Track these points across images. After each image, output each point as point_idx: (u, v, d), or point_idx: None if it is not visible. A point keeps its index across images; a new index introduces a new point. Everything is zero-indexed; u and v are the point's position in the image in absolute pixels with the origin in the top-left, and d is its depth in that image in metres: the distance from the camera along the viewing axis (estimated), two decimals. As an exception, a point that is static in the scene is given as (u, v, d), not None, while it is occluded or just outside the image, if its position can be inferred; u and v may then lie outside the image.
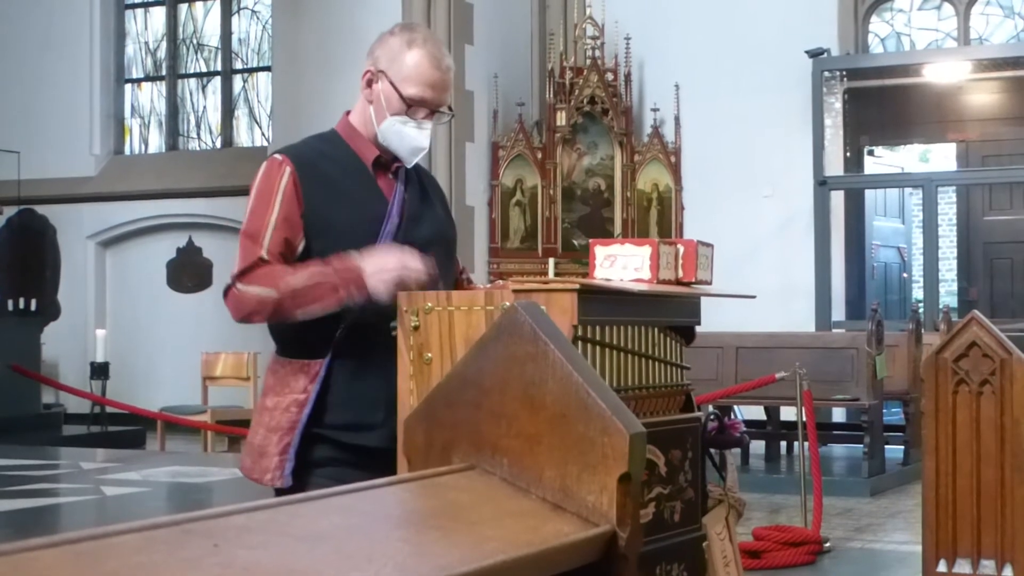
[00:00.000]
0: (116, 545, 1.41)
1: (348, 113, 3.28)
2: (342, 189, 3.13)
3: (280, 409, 3.09)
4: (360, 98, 3.24)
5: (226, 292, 3.09)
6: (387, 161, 3.21)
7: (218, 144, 15.52)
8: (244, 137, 15.45)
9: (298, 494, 1.77)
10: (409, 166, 3.24)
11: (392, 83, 3.14)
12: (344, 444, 3.08)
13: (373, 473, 2.14)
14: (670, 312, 2.97)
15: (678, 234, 12.72)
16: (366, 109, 3.21)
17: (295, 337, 3.11)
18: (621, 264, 2.95)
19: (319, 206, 3.09)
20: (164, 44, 15.83)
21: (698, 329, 3.08)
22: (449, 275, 3.31)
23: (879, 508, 8.88)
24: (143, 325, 14.64)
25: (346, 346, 3.06)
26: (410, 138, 3.17)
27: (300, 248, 3.08)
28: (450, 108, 3.24)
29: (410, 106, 3.14)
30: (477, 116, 12.86)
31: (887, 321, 10.32)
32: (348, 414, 3.07)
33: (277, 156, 3.14)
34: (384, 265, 2.95)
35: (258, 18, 15.41)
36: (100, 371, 12.26)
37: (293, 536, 1.56)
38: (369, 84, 3.20)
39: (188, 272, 14.71)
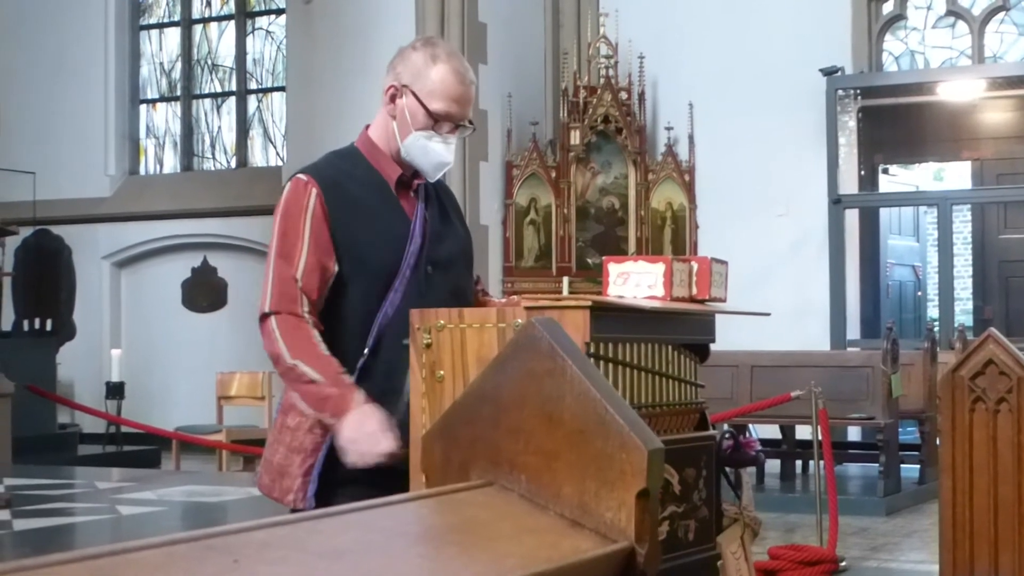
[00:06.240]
0: (136, 561, 1.42)
1: (367, 128, 3.27)
2: (366, 209, 3.12)
3: (303, 430, 3.08)
4: (381, 113, 3.23)
5: (262, 318, 3.09)
6: (408, 179, 3.21)
7: (233, 164, 15.57)
8: (259, 157, 15.49)
9: (317, 510, 1.78)
10: (432, 181, 3.24)
11: (417, 98, 3.13)
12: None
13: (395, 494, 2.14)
14: (684, 330, 2.97)
15: (692, 253, 12.70)
16: (388, 124, 3.20)
17: None
18: (635, 281, 2.95)
19: (345, 227, 3.08)
20: (179, 64, 15.89)
21: (712, 347, 3.07)
22: (468, 291, 3.31)
23: (895, 527, 8.85)
24: (158, 345, 14.68)
25: (370, 368, 3.05)
26: (435, 153, 3.16)
27: (335, 272, 3.08)
28: (471, 122, 3.24)
29: (436, 121, 3.14)
30: (491, 135, 12.87)
31: (902, 340, 10.31)
32: None
33: (302, 176, 3.13)
34: (362, 429, 2.94)
35: (272, 38, 15.46)
36: (115, 391, 12.28)
37: (312, 552, 1.56)
38: (392, 99, 3.18)
39: (203, 292, 14.74)
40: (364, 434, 2.93)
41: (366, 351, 3.05)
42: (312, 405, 3.01)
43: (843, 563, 7.21)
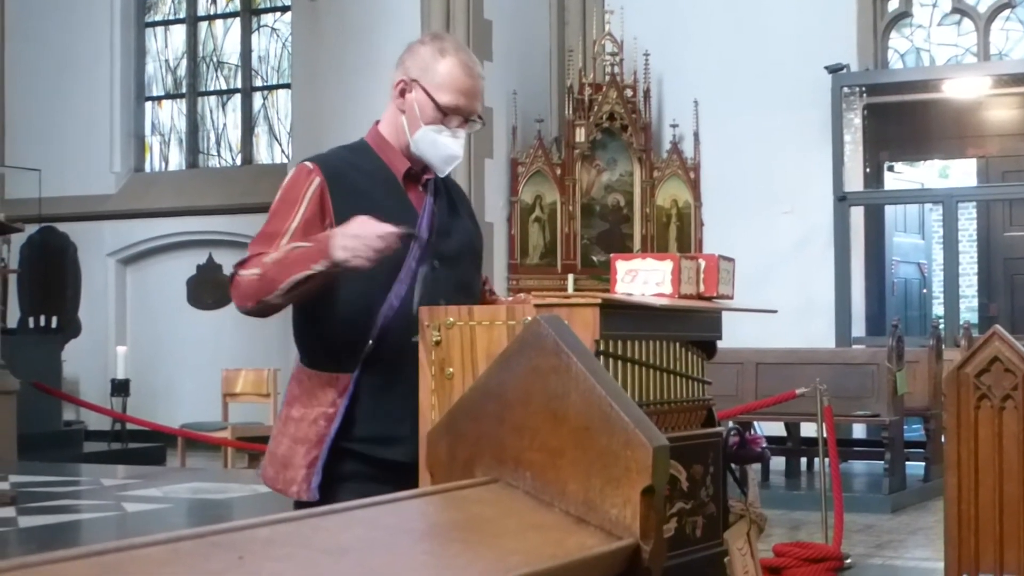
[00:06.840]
0: (142, 557, 1.42)
1: (377, 123, 3.27)
2: (372, 201, 3.11)
3: (308, 421, 3.08)
4: (390, 108, 3.23)
5: (231, 282, 3.09)
6: (417, 173, 3.21)
7: (238, 161, 15.57)
8: (264, 154, 15.49)
9: (322, 507, 1.78)
10: (442, 175, 3.24)
11: (426, 91, 3.14)
12: (371, 458, 3.06)
13: (399, 488, 2.13)
14: (692, 327, 2.97)
15: (697, 250, 12.68)
16: (397, 119, 3.21)
17: (324, 350, 3.11)
18: (642, 279, 2.95)
19: (348, 217, 3.06)
20: (184, 62, 15.90)
21: (718, 345, 3.07)
22: (476, 287, 3.31)
23: (900, 524, 8.85)
24: (163, 342, 14.69)
25: (375, 360, 3.05)
26: (444, 147, 3.16)
27: None
28: (480, 116, 3.24)
29: (445, 114, 3.15)
30: (496, 133, 12.87)
31: (907, 337, 10.32)
32: (376, 428, 3.05)
33: (308, 164, 3.14)
34: (349, 231, 2.92)
35: (278, 36, 15.46)
36: (121, 388, 12.28)
37: (317, 549, 1.56)
38: (402, 94, 3.19)
39: (208, 289, 14.74)
40: (354, 233, 2.90)
41: (371, 342, 3.04)
42: (303, 266, 2.95)
43: (848, 560, 7.20)
